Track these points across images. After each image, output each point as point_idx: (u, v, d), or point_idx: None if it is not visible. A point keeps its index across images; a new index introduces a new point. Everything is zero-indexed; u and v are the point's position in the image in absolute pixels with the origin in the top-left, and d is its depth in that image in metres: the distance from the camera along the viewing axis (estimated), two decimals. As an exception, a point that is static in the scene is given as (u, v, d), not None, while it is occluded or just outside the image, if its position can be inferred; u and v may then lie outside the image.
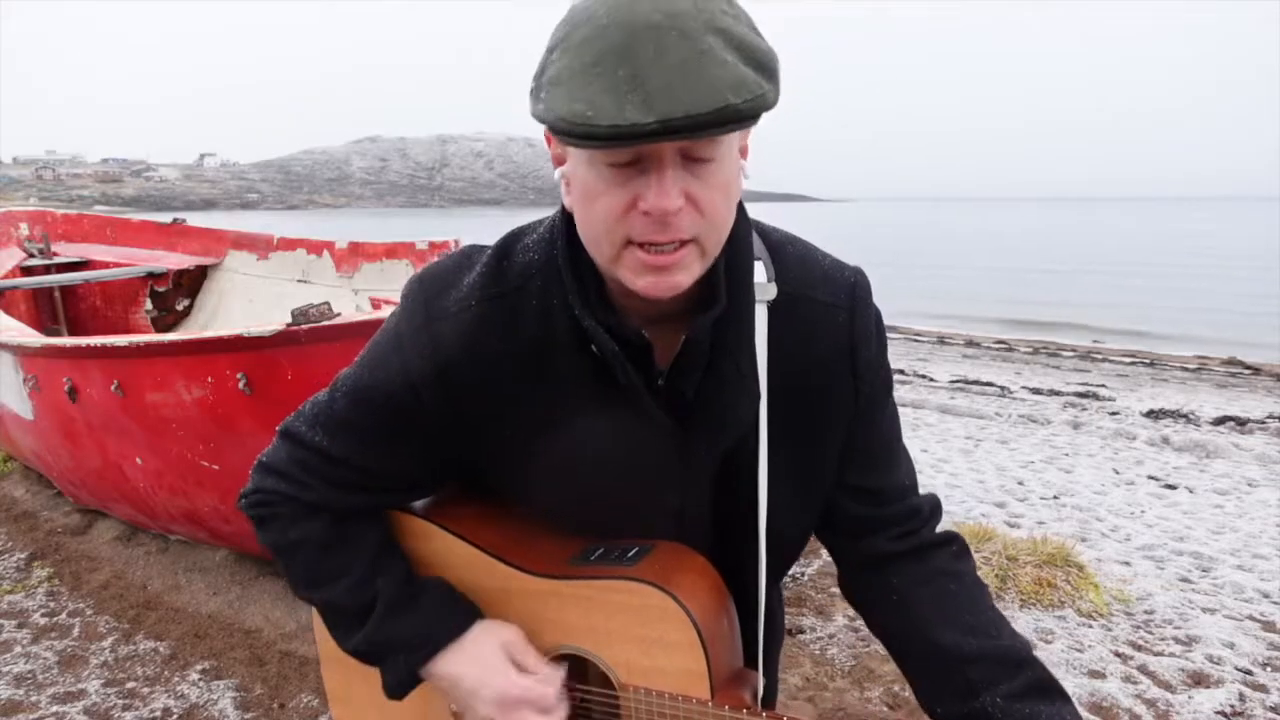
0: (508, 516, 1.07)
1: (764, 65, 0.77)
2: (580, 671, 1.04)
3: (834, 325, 0.97)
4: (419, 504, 1.12)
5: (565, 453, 0.95)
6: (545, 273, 0.92)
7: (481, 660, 0.98)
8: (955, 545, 1.06)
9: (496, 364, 0.92)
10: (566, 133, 0.76)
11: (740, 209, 0.92)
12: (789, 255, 0.99)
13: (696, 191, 0.80)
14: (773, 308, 0.94)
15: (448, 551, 1.05)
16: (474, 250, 0.98)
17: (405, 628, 0.99)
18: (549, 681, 0.98)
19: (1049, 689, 0.97)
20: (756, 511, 0.97)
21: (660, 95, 0.71)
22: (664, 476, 0.97)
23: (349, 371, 1.00)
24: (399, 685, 1.02)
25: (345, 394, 0.98)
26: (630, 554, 0.99)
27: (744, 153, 0.88)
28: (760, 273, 0.94)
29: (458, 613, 1.02)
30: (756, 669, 1.03)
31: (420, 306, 0.94)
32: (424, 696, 1.09)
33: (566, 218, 0.90)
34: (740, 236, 0.92)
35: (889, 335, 1.15)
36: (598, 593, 0.98)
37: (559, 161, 0.87)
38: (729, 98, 0.73)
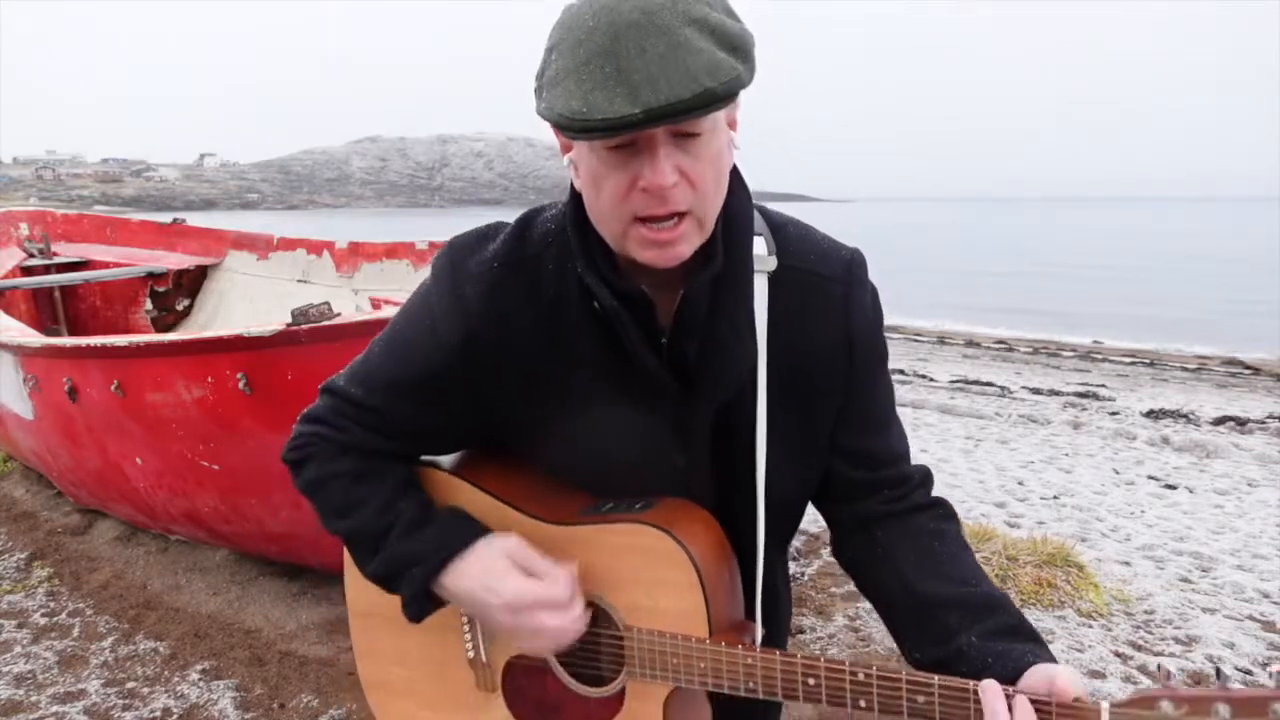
0: (525, 474, 1.12)
1: (738, 47, 0.85)
2: (590, 614, 1.08)
3: (830, 296, 1.04)
4: (444, 461, 1.18)
5: (575, 411, 1.02)
6: (560, 241, 1.01)
7: (488, 568, 1.02)
8: (942, 509, 1.11)
9: (515, 323, 1.01)
10: (567, 128, 0.86)
11: (742, 185, 1.00)
12: (789, 233, 1.06)
13: (688, 166, 0.89)
14: (773, 279, 1.01)
15: (468, 503, 1.11)
16: (498, 224, 1.07)
17: (419, 543, 1.04)
18: (558, 581, 1.01)
19: (1022, 630, 0.98)
20: (755, 472, 1.03)
21: (644, 87, 0.81)
22: (668, 436, 1.04)
23: (384, 331, 1.10)
24: (415, 602, 1.06)
25: (380, 351, 1.09)
26: (638, 505, 1.05)
27: (733, 125, 0.96)
28: (761, 246, 1.02)
29: (466, 529, 1.06)
30: (755, 623, 1.09)
31: (448, 270, 1.03)
32: (441, 643, 1.16)
33: (575, 193, 0.99)
34: (738, 207, 0.99)
35: (889, 335, 1.20)
36: (606, 536, 1.03)
37: (566, 149, 0.96)
38: (705, 82, 0.81)
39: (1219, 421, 7.02)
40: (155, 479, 3.60)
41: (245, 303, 6.50)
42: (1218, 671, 0.86)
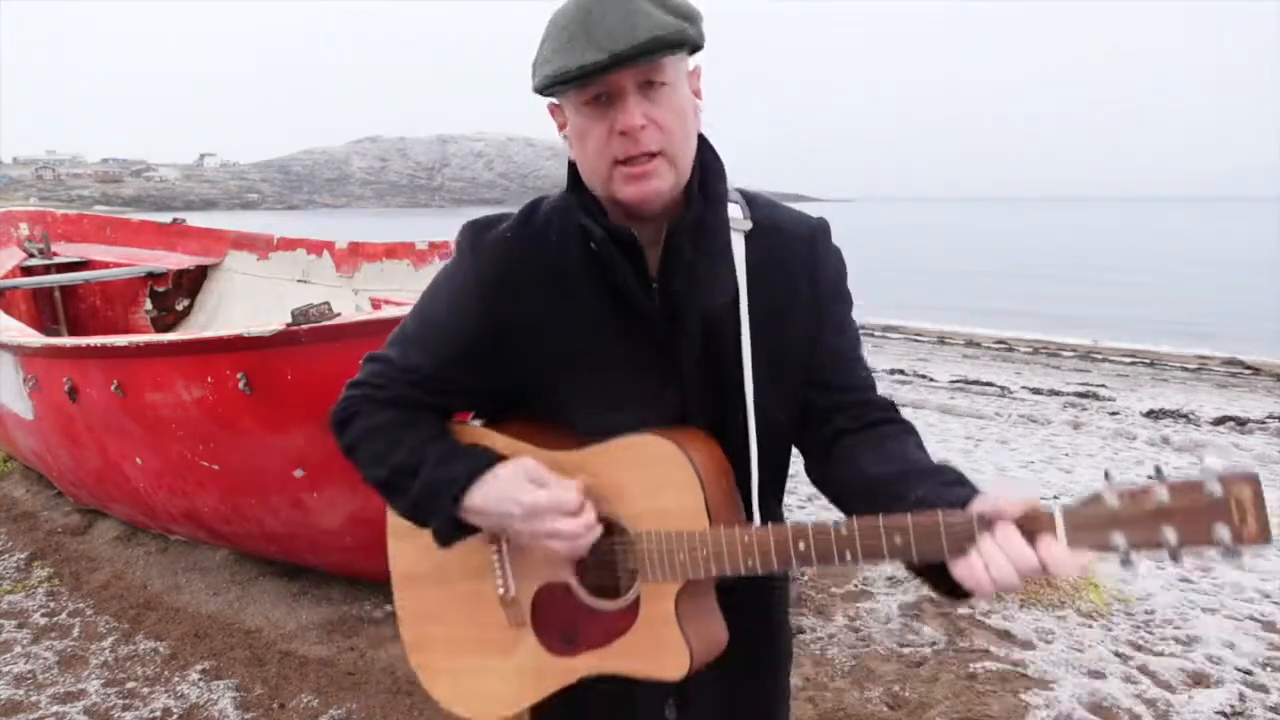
0: (539, 422, 1.24)
1: (683, 13, 1.06)
2: (606, 536, 1.17)
3: (798, 249, 1.22)
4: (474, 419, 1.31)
5: (579, 354, 1.18)
6: (563, 213, 1.19)
7: (505, 484, 1.14)
8: (904, 425, 1.21)
9: (526, 283, 1.18)
10: (552, 85, 1.07)
11: (715, 154, 1.19)
12: (760, 200, 1.25)
13: (654, 113, 1.07)
14: (748, 236, 1.19)
15: (489, 442, 1.23)
16: (507, 212, 1.24)
17: (447, 470, 1.17)
18: (568, 489, 1.12)
19: (966, 481, 1.06)
20: (744, 396, 1.17)
21: (605, 39, 1.01)
22: (662, 371, 1.17)
23: (418, 303, 1.27)
24: (445, 528, 1.18)
25: (414, 319, 1.25)
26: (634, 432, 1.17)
27: (698, 94, 1.15)
28: (736, 210, 1.20)
29: (489, 457, 1.18)
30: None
31: (468, 242, 1.21)
32: (476, 592, 1.25)
33: (571, 164, 1.18)
34: (711, 165, 1.18)
35: (889, 335, 1.26)
36: (610, 453, 1.15)
37: (562, 127, 1.15)
38: (656, 32, 1.02)
39: (1219, 422, 7.02)
40: (155, 479, 3.60)
41: (245, 303, 6.50)
42: (1158, 469, 0.90)
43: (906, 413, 1.23)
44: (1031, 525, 0.93)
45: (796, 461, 1.29)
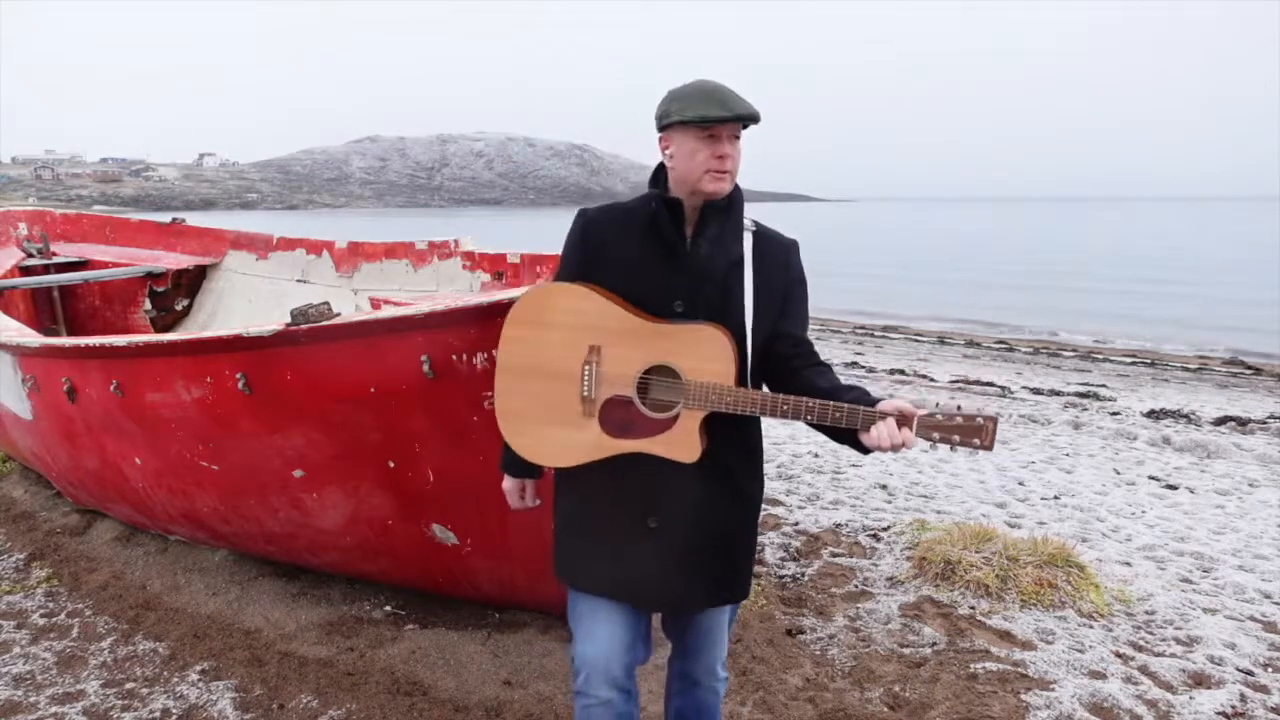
0: (619, 296, 1.92)
1: (755, 108, 1.89)
2: (663, 375, 1.86)
3: (780, 247, 2.01)
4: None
5: (634, 272, 1.90)
6: (642, 198, 1.98)
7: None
8: (827, 365, 1.96)
9: (609, 227, 1.96)
10: (698, 122, 1.84)
11: (740, 189, 1.97)
12: (765, 227, 2.04)
13: (733, 152, 1.89)
14: (754, 236, 1.97)
15: (595, 305, 1.88)
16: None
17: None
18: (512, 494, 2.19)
19: (870, 395, 1.82)
20: (744, 318, 1.89)
21: (732, 105, 1.84)
22: (679, 293, 1.89)
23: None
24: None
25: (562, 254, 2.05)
26: (695, 321, 1.87)
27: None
28: (749, 223, 1.98)
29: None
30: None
31: (580, 212, 2.04)
32: (562, 389, 1.89)
33: (660, 168, 1.96)
34: (738, 193, 1.97)
35: (890, 335, 1.56)
36: (678, 330, 1.85)
37: (665, 145, 1.92)
38: (751, 110, 1.86)
39: (1220, 422, 7.01)
40: (154, 479, 3.60)
41: (244, 303, 6.49)
42: (959, 406, 1.78)
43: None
44: (903, 420, 1.75)
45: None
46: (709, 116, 1.81)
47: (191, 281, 6.83)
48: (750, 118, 1.86)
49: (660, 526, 1.91)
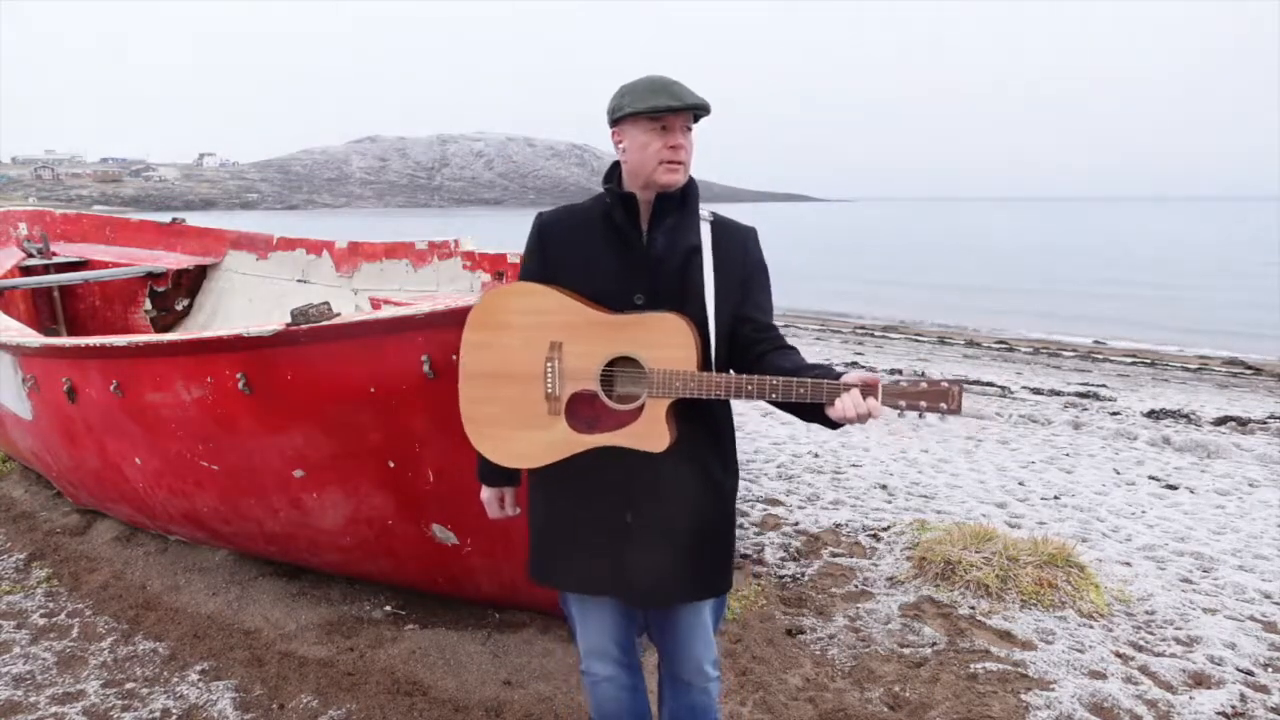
0: (578, 293, 1.93)
1: (704, 99, 1.92)
2: (627, 366, 1.86)
3: (738, 234, 2.03)
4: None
5: (593, 267, 1.93)
6: (597, 196, 2.02)
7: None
8: (792, 348, 1.96)
9: (564, 226, 2.01)
10: (649, 113, 1.87)
11: (693, 180, 1.99)
12: (722, 215, 2.05)
13: (685, 142, 1.92)
14: (712, 225, 2.00)
15: (553, 302, 1.90)
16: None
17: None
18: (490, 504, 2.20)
19: (833, 369, 1.83)
20: (705, 306, 1.91)
21: (681, 95, 1.87)
22: (638, 285, 1.92)
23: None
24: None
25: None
26: (656, 310, 1.88)
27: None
28: (705, 212, 2.00)
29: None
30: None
31: (536, 218, 2.06)
32: (525, 389, 1.90)
33: (616, 164, 1.99)
34: (692, 189, 1.99)
35: (890, 335, 1.55)
36: (640, 319, 1.87)
37: (618, 139, 1.95)
38: (704, 101, 1.90)
39: (1220, 422, 7.01)
40: (154, 479, 3.60)
41: (245, 303, 6.49)
42: (922, 374, 1.58)
43: (907, 413, 1.76)
44: (868, 391, 1.74)
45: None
46: (660, 107, 1.84)
47: (191, 281, 6.83)
48: (700, 108, 1.87)
49: (637, 522, 1.93)
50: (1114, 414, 7.26)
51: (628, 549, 1.93)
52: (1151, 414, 7.26)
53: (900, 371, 9.41)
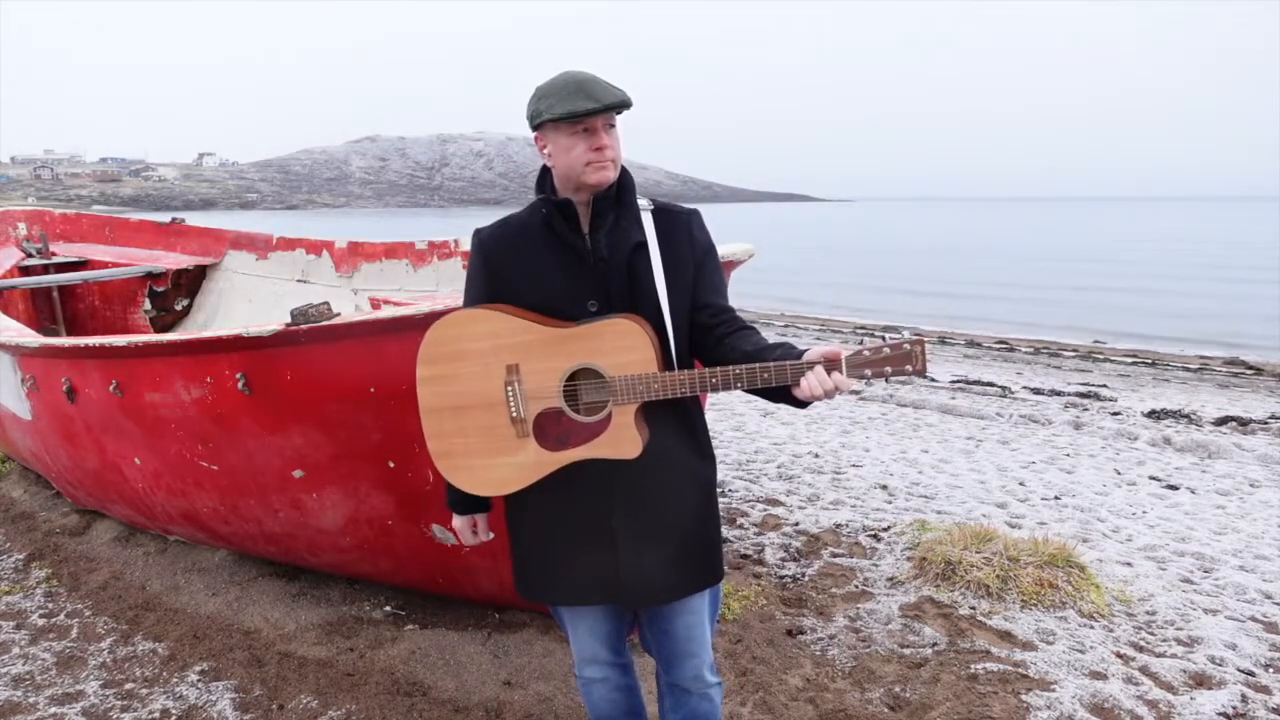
0: (526, 310, 1.89)
1: (626, 93, 1.85)
2: (588, 377, 1.84)
3: (681, 220, 1.98)
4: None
5: (538, 280, 1.89)
6: (531, 206, 1.97)
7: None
8: (753, 327, 1.95)
9: (505, 242, 1.95)
10: (565, 118, 1.80)
11: (628, 172, 1.95)
12: (661, 200, 2.00)
13: (610, 140, 1.86)
14: (654, 214, 1.95)
15: (503, 325, 1.85)
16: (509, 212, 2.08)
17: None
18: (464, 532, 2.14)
19: (794, 348, 1.81)
20: (659, 302, 1.87)
21: (600, 96, 1.80)
22: (588, 291, 1.88)
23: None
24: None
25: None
26: (607, 316, 1.85)
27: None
28: (644, 202, 1.96)
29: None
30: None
31: (475, 234, 2.00)
32: (490, 416, 1.86)
33: (545, 169, 1.94)
34: (627, 179, 1.94)
35: (890, 335, 1.42)
36: (593, 328, 1.83)
37: (542, 145, 1.89)
38: (621, 97, 1.83)
39: (1221, 422, 7.01)
40: (154, 479, 3.59)
41: (244, 303, 6.49)
42: (884, 337, 1.50)
43: (908, 412, 1.48)
44: (831, 365, 1.73)
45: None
46: (577, 110, 1.77)
47: (191, 281, 6.82)
48: (620, 105, 1.81)
49: (621, 526, 1.90)
50: (1114, 414, 7.26)
51: (615, 554, 1.91)
52: (1152, 414, 7.25)
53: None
